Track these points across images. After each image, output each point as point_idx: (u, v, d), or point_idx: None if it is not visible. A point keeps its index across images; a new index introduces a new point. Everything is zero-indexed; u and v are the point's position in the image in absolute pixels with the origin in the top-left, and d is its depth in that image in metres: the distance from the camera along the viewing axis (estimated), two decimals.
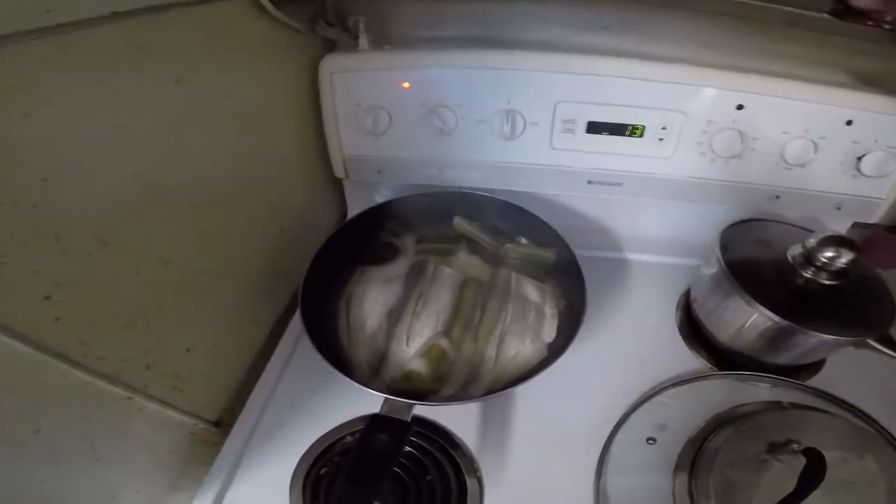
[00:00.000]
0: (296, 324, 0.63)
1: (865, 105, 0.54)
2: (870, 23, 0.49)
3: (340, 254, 0.60)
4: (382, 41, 0.63)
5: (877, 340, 0.48)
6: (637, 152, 0.61)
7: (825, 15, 0.49)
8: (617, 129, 0.60)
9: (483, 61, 0.58)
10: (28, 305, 0.33)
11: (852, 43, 0.54)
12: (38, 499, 0.37)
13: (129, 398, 0.43)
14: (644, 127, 0.59)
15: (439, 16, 0.63)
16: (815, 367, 0.57)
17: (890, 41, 0.49)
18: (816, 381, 0.56)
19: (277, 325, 0.64)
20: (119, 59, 0.37)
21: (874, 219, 0.62)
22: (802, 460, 0.44)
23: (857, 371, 0.56)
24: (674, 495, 0.47)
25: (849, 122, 0.55)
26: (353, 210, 0.76)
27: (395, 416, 0.46)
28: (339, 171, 0.69)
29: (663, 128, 0.59)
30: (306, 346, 0.60)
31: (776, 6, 0.49)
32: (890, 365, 0.49)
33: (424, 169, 0.66)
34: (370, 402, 0.52)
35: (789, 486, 0.43)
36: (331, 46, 0.65)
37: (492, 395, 0.48)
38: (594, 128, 0.60)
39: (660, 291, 0.65)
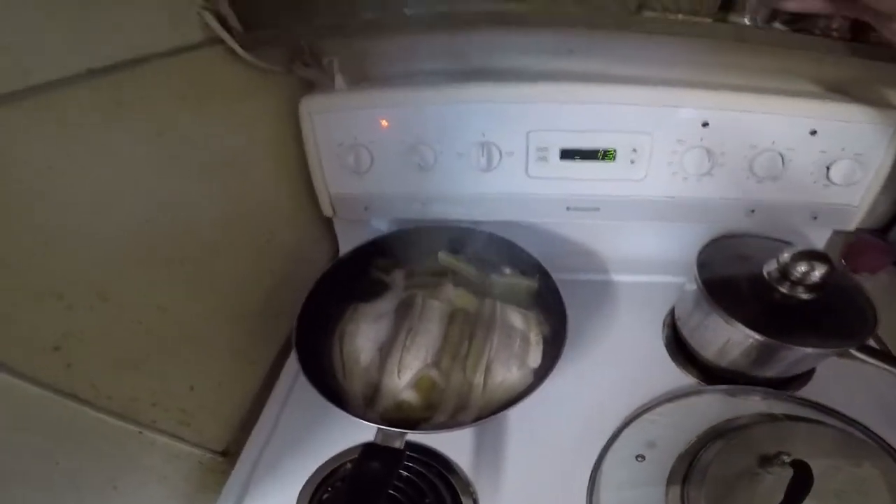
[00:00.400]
0: (294, 360, 0.66)
1: (827, 114, 0.57)
2: (817, 32, 0.53)
3: (332, 292, 0.64)
4: (359, 79, 0.68)
5: (859, 349, 0.50)
6: (611, 176, 0.64)
7: (776, 26, 0.53)
8: (589, 155, 0.63)
9: (455, 96, 0.62)
10: (40, 355, 0.38)
11: (810, 53, 0.57)
12: None
13: (140, 433, 0.47)
14: (615, 151, 0.62)
15: (412, 51, 0.67)
16: (804, 377, 0.58)
17: (841, 50, 0.52)
18: (807, 392, 0.58)
19: (276, 361, 0.68)
20: (100, 116, 0.41)
21: (851, 226, 0.64)
22: (790, 472, 0.45)
23: (847, 379, 0.57)
24: None
25: (813, 132, 0.58)
26: (345, 246, 0.80)
27: (387, 444, 0.49)
28: (326, 210, 0.73)
29: (634, 150, 0.62)
30: (304, 384, 0.64)
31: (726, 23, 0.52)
32: (879, 372, 0.51)
33: (409, 204, 0.70)
34: (368, 430, 0.55)
35: (776, 496, 0.44)
36: (309, 86, 0.70)
37: (481, 422, 0.51)
38: (567, 154, 0.64)
39: (646, 310, 0.68)
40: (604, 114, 0.61)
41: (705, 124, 0.59)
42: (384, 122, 0.65)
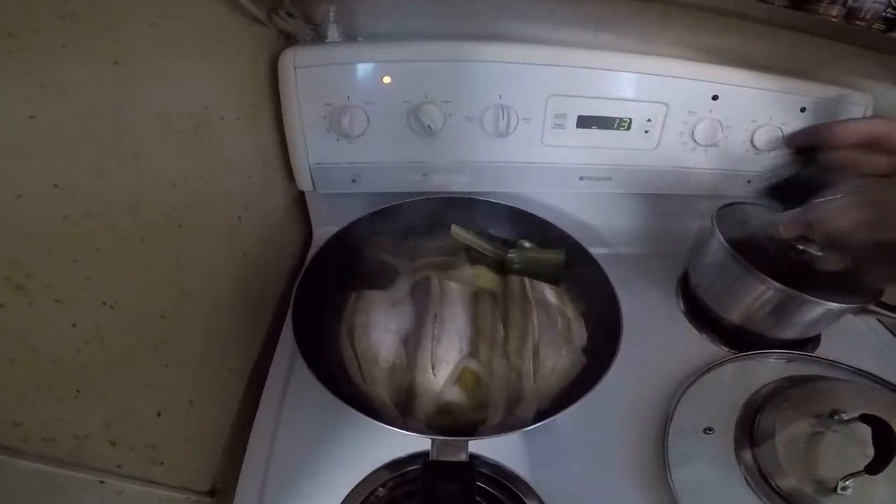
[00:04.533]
0: (279, 367, 0.49)
1: (815, 93, 0.57)
2: (819, 14, 0.52)
3: (327, 278, 0.48)
4: (349, 35, 0.54)
5: (876, 305, 0.49)
6: (625, 145, 0.57)
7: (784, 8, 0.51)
8: (606, 123, 0.56)
9: (472, 53, 0.51)
10: None
11: (797, 35, 0.57)
12: None
13: (101, 482, 0.30)
14: (631, 120, 0.56)
15: (413, 9, 0.55)
16: (815, 340, 0.57)
17: (831, 33, 0.52)
18: (821, 353, 0.55)
19: (256, 369, 0.50)
20: (40, 27, 0.25)
21: None
22: (854, 428, 0.42)
23: (850, 340, 0.57)
24: (745, 477, 0.43)
25: (803, 110, 0.57)
26: (319, 228, 0.63)
27: (452, 458, 0.36)
28: (304, 183, 0.57)
29: (648, 120, 0.56)
30: (298, 391, 0.48)
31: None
32: (877, 332, 0.51)
33: (406, 175, 0.57)
34: (392, 446, 0.43)
35: (850, 452, 0.41)
36: (287, 41, 0.54)
37: (552, 418, 0.38)
38: (584, 122, 0.56)
39: (653, 282, 0.62)
40: (623, 82, 0.54)
41: (715, 97, 0.56)
42: (387, 79, 0.51)
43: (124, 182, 0.31)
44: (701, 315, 0.57)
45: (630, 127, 0.57)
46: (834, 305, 0.48)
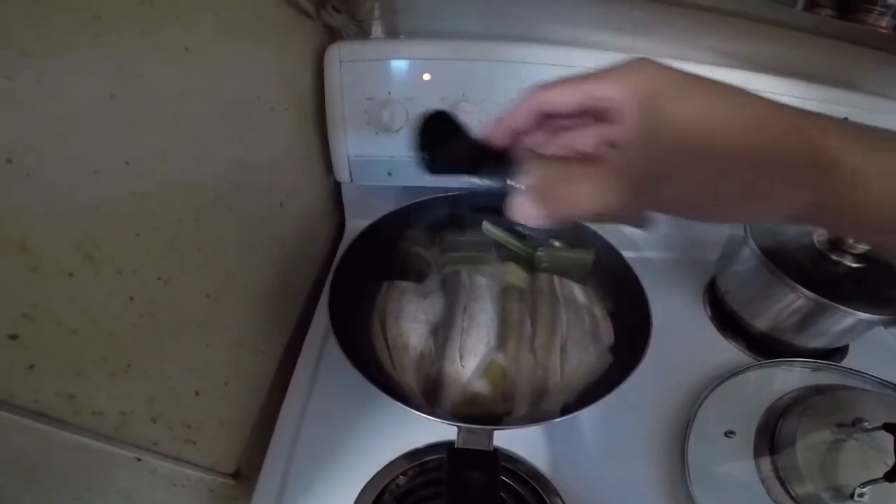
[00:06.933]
0: (309, 354, 0.50)
1: (858, 104, 0.55)
2: (868, 25, 0.50)
3: (362, 267, 0.48)
4: (391, 33, 0.54)
5: None
6: None
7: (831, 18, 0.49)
8: None
9: (511, 54, 0.51)
10: None
11: (839, 45, 0.55)
12: None
13: (138, 459, 0.31)
14: None
15: (453, 9, 0.55)
16: (843, 351, 0.55)
17: (877, 43, 0.50)
18: (847, 364, 0.54)
19: (287, 353, 0.51)
20: (124, 12, 0.26)
21: None
22: (876, 436, 0.41)
23: (879, 353, 0.56)
24: (763, 482, 0.42)
25: (844, 119, 0.55)
26: (352, 220, 0.64)
27: (477, 447, 0.36)
28: (342, 175, 0.57)
29: None
30: (326, 377, 0.48)
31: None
32: None
33: None
34: (414, 436, 0.43)
35: (870, 460, 0.40)
36: (332, 36, 0.54)
37: (581, 410, 0.38)
38: None
39: (680, 287, 0.61)
40: None
41: None
42: (426, 76, 0.51)
43: (183, 164, 0.32)
44: (728, 321, 0.56)
45: None
46: (865, 316, 0.47)
